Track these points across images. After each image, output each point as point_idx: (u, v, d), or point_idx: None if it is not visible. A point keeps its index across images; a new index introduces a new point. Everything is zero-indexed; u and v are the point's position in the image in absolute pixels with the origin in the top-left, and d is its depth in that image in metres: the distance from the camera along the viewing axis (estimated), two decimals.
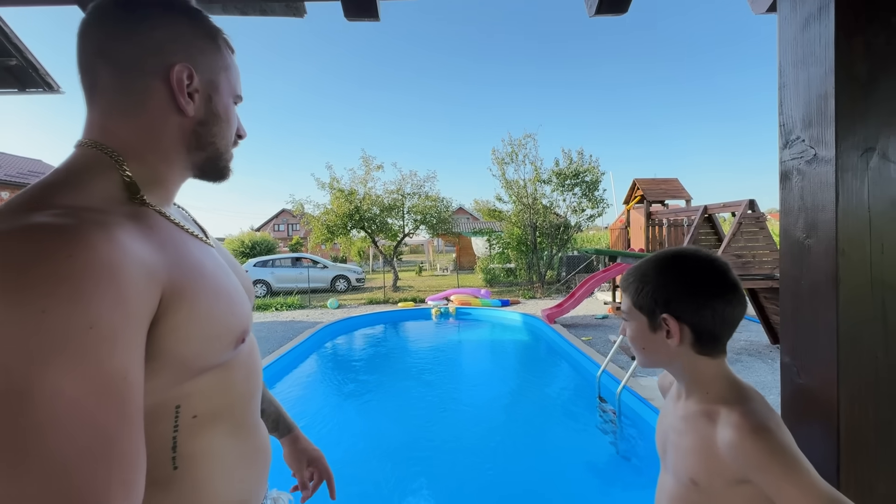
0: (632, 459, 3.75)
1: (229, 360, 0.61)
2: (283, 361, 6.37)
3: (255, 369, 0.70)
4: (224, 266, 0.66)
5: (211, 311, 0.56)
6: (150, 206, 0.58)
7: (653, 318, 0.76)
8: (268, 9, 1.30)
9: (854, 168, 0.73)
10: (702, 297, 0.73)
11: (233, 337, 0.61)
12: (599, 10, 1.23)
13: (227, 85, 0.66)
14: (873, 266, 0.74)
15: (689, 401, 0.78)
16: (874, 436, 0.75)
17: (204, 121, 0.63)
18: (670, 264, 0.77)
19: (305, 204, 14.90)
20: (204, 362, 0.57)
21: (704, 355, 0.75)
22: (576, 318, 9.09)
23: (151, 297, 0.49)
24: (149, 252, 0.50)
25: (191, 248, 0.60)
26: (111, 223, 0.48)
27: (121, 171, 0.57)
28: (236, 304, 0.62)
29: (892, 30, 0.73)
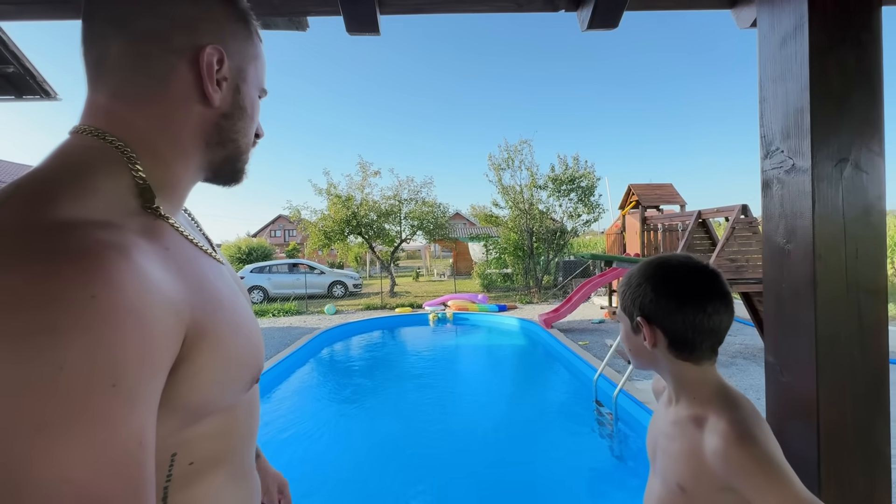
0: (629, 462, 3.77)
1: (235, 402, 0.53)
2: (280, 368, 6.36)
3: (257, 406, 0.63)
4: (236, 290, 0.58)
5: (230, 350, 0.49)
6: (164, 219, 0.49)
7: (632, 320, 0.79)
8: (271, 23, 1.34)
9: (829, 177, 0.78)
10: (674, 302, 0.73)
11: (250, 377, 0.54)
12: (591, 25, 1.28)
13: (255, 77, 0.58)
14: (848, 270, 0.78)
15: (678, 406, 0.78)
16: (852, 433, 0.79)
17: (229, 113, 0.55)
18: (651, 269, 0.78)
19: (302, 210, 14.95)
20: (214, 407, 0.49)
21: (684, 360, 0.75)
22: (572, 323, 9.13)
23: (175, 342, 0.41)
24: (171, 283, 0.42)
25: (207, 272, 0.51)
26: (129, 246, 0.39)
27: (133, 170, 0.47)
28: (254, 337, 0.55)
29: (863, 48, 0.78)
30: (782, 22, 0.83)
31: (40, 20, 1.36)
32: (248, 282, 14.01)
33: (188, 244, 0.51)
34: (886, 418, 0.82)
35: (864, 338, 0.78)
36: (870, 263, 0.78)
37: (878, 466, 0.81)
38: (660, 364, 0.79)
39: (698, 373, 0.76)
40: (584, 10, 1.26)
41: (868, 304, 0.78)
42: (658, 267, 0.78)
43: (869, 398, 0.79)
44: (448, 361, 7.37)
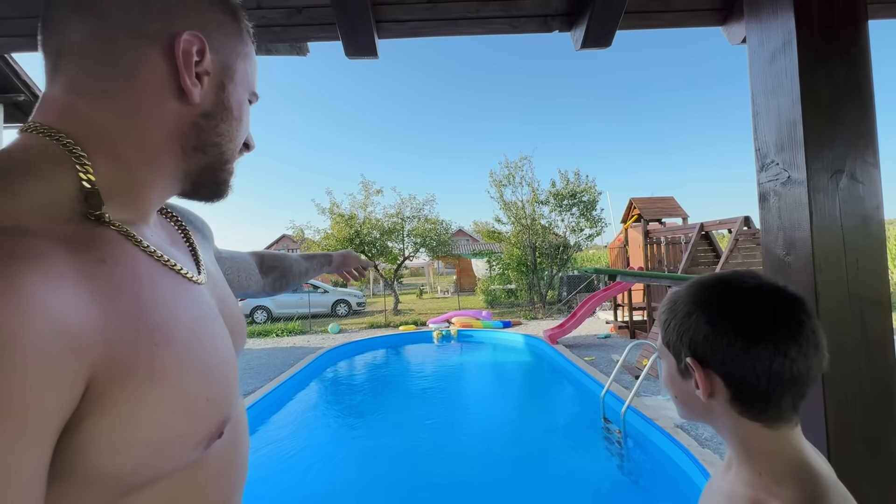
0: (639, 481, 3.69)
1: (196, 461, 0.42)
2: (283, 388, 6.30)
3: (235, 460, 0.50)
4: (210, 315, 0.48)
5: (172, 400, 0.38)
6: (111, 226, 0.40)
7: (679, 360, 0.59)
8: (273, 49, 1.38)
9: (825, 189, 0.78)
10: (740, 341, 0.53)
11: (204, 435, 0.41)
12: (585, 45, 1.31)
13: (245, 77, 0.51)
14: (850, 281, 0.77)
15: (736, 476, 0.58)
16: (862, 445, 0.77)
17: (211, 113, 0.47)
18: (706, 293, 0.58)
19: (306, 229, 15.03)
20: (151, 475, 0.38)
21: (752, 420, 0.55)
22: (578, 339, 9.05)
23: (68, 389, 0.31)
24: (79, 306, 0.33)
25: (162, 294, 0.42)
26: (21, 256, 0.31)
27: (82, 170, 0.40)
28: (217, 382, 0.43)
29: (852, 61, 0.79)
30: (771, 38, 0.85)
31: None
32: (252, 302, 14.00)
33: (143, 258, 0.42)
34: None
35: (869, 349, 0.77)
36: (871, 274, 0.78)
37: (890, 481, 0.79)
38: (716, 419, 0.59)
39: (771, 439, 0.55)
40: (577, 31, 1.29)
41: (872, 315, 0.78)
42: (716, 290, 0.58)
43: (878, 410, 0.78)
44: (453, 379, 7.29)
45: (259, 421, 5.19)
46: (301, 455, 4.33)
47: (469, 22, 1.29)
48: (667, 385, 0.64)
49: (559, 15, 1.29)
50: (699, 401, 0.57)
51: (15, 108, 6.12)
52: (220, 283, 0.58)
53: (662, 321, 0.62)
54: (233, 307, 0.58)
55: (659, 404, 4.67)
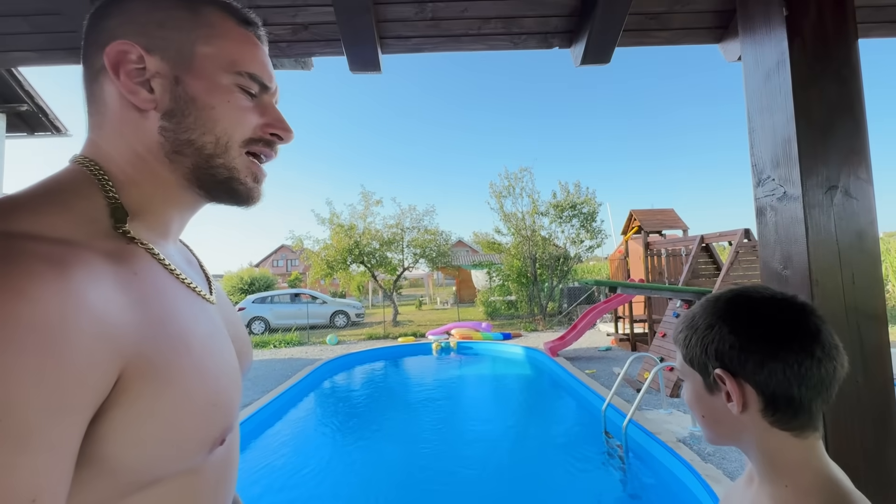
0: (641, 496, 3.64)
1: (196, 467, 0.45)
2: (281, 400, 6.26)
3: (228, 474, 0.52)
4: (220, 332, 0.51)
5: (188, 399, 0.41)
6: (138, 243, 0.45)
7: (706, 375, 0.58)
8: (277, 63, 1.41)
9: (820, 204, 0.80)
10: (768, 346, 0.54)
11: (210, 439, 0.44)
12: (585, 61, 1.34)
13: (213, 59, 0.48)
14: (846, 294, 0.79)
15: (761, 490, 0.58)
16: (862, 458, 0.78)
17: (171, 111, 0.47)
18: (724, 305, 0.59)
19: (305, 239, 15.05)
20: (160, 472, 0.41)
21: (784, 430, 0.55)
22: (578, 351, 9.00)
23: (104, 376, 0.35)
24: (119, 309, 0.37)
25: (181, 307, 0.46)
26: (71, 262, 0.36)
27: (104, 190, 0.45)
28: (224, 391, 0.46)
29: (843, 80, 0.82)
30: (765, 57, 0.88)
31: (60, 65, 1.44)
32: (250, 312, 13.96)
33: (166, 275, 0.47)
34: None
35: (866, 363, 0.78)
36: (867, 288, 0.79)
37: (890, 492, 0.80)
38: (744, 434, 0.58)
39: (799, 450, 0.55)
40: (577, 47, 1.32)
41: (868, 329, 0.78)
42: (735, 301, 0.58)
43: (876, 423, 0.79)
44: (452, 392, 7.24)
45: (257, 433, 5.14)
46: (298, 467, 4.28)
47: (471, 38, 1.32)
48: (692, 406, 0.61)
49: (559, 32, 1.33)
50: (729, 417, 0.57)
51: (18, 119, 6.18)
52: (228, 307, 0.61)
53: (682, 339, 0.61)
54: (240, 331, 0.61)
55: (661, 418, 4.63)
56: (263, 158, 0.54)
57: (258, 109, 0.52)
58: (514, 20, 1.29)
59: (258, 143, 0.52)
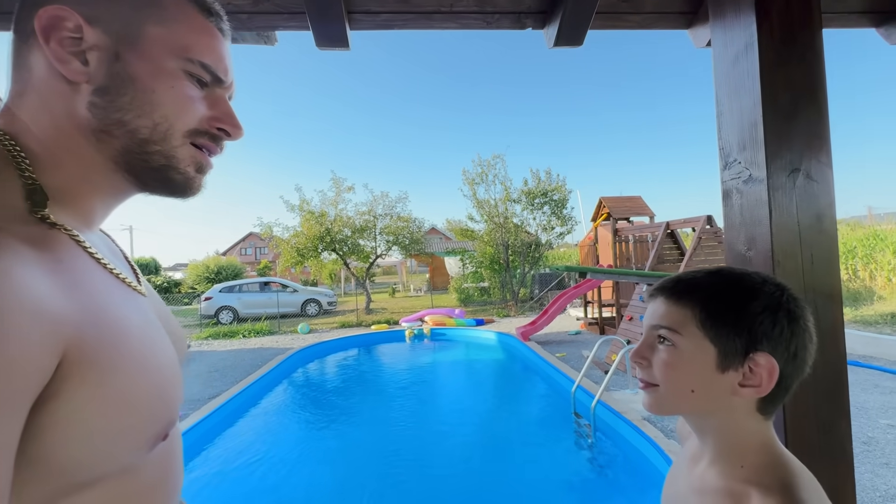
0: (608, 473, 3.79)
1: (136, 465, 0.42)
2: (251, 391, 6.13)
3: (170, 474, 0.48)
4: (155, 324, 0.48)
5: (129, 391, 0.39)
6: (60, 228, 0.41)
7: (731, 352, 0.53)
8: (239, 38, 1.32)
9: (783, 187, 0.82)
10: (804, 335, 0.54)
11: (152, 433, 0.42)
12: (558, 43, 1.32)
13: (162, 41, 0.45)
14: (805, 274, 0.81)
15: (710, 469, 0.57)
16: (816, 430, 0.82)
17: (104, 87, 0.43)
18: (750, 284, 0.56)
19: (274, 227, 14.65)
20: (100, 470, 0.38)
21: (763, 414, 0.56)
22: (550, 335, 9.21)
23: (44, 363, 0.33)
24: (52, 294, 0.35)
25: (114, 296, 0.43)
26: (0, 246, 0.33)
27: (18, 169, 0.40)
28: (167, 384, 0.44)
29: (808, 65, 0.83)
30: (734, 41, 0.88)
31: None
32: (217, 302, 13.55)
33: (93, 264, 0.44)
34: (847, 416, 0.85)
35: (822, 340, 0.80)
36: (824, 268, 0.82)
37: (842, 464, 0.84)
38: (719, 415, 0.56)
39: (763, 432, 0.55)
40: (550, 29, 1.30)
41: (825, 308, 0.82)
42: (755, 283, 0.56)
43: (830, 398, 0.82)
44: (426, 378, 7.28)
45: (225, 425, 5.02)
46: (270, 459, 4.22)
47: (443, 16, 1.28)
48: (679, 376, 0.55)
49: (532, 13, 1.30)
50: (722, 396, 0.54)
51: None
52: (158, 301, 0.57)
53: (707, 303, 0.55)
54: (174, 325, 0.57)
55: (627, 398, 4.81)
56: (206, 152, 0.50)
57: (207, 101, 0.49)
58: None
59: (203, 135, 0.49)
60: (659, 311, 0.58)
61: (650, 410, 0.58)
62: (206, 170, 0.50)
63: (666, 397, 0.57)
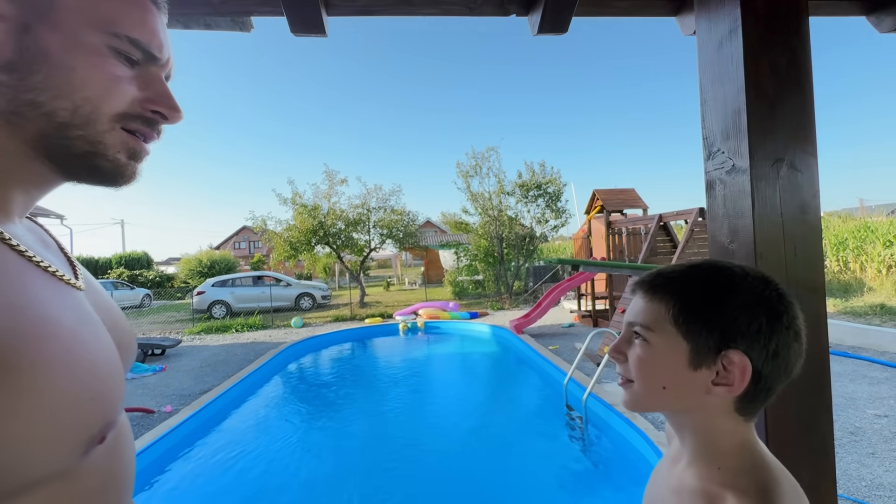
0: (599, 466, 3.81)
1: (72, 469, 0.39)
2: (243, 385, 6.10)
3: (114, 479, 0.45)
4: (91, 320, 0.45)
5: (55, 395, 0.36)
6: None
7: (703, 349, 0.51)
8: (212, 23, 1.28)
9: (767, 177, 0.80)
10: (788, 334, 0.51)
11: (86, 436, 0.39)
12: (542, 30, 1.29)
13: (79, 12, 0.41)
14: (788, 268, 0.80)
15: (688, 470, 0.55)
16: (797, 425, 0.80)
17: (12, 63, 0.39)
18: (731, 277, 0.53)
19: (267, 220, 14.54)
20: (24, 478, 0.35)
21: (742, 415, 0.53)
22: (543, 328, 9.23)
23: None
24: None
25: (39, 293, 0.40)
26: None
27: None
28: (102, 382, 0.41)
29: (793, 52, 0.81)
30: (718, 26, 0.86)
31: None
32: (210, 296, 13.46)
33: (14, 258, 0.40)
34: (829, 410, 0.84)
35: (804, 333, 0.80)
36: (807, 261, 0.80)
37: (823, 457, 0.83)
38: (695, 415, 0.55)
39: (742, 433, 0.54)
40: (534, 15, 1.27)
41: (807, 301, 0.80)
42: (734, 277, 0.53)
43: (812, 391, 0.81)
44: (420, 371, 7.29)
45: (218, 419, 5.00)
46: (263, 453, 4.20)
47: (424, 1, 1.24)
48: (651, 372, 0.54)
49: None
50: (695, 394, 0.52)
51: None
52: (102, 295, 0.53)
53: (677, 298, 0.53)
54: (119, 319, 0.53)
55: (618, 390, 4.82)
56: (141, 138, 0.46)
57: (139, 81, 0.44)
58: None
59: (136, 119, 0.44)
60: (636, 306, 0.57)
61: (627, 406, 0.57)
62: (140, 157, 0.46)
63: (639, 394, 0.56)
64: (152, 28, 0.45)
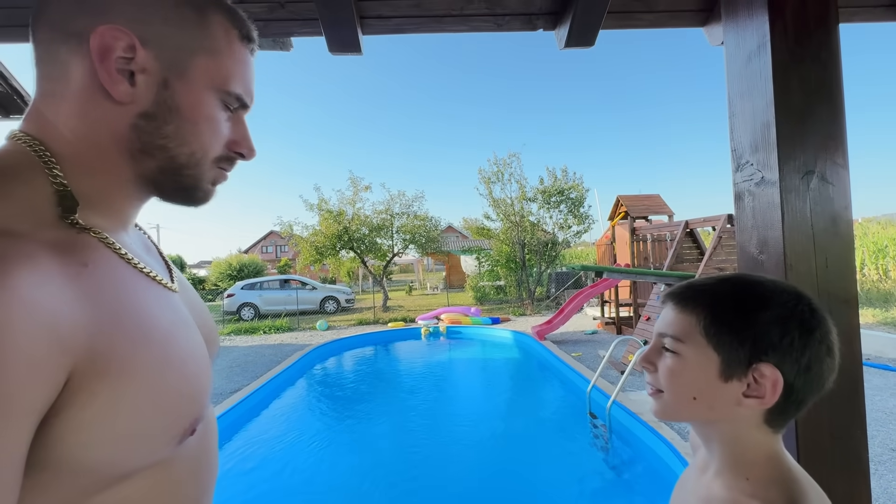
0: (624, 475, 3.74)
1: (168, 458, 0.43)
2: (270, 386, 6.26)
3: (202, 466, 0.50)
4: (186, 322, 0.49)
5: (151, 392, 0.40)
6: (91, 233, 0.42)
7: (734, 362, 0.52)
8: None
9: (797, 189, 0.80)
10: (817, 350, 0.51)
11: (179, 430, 0.43)
12: (569, 44, 1.32)
13: (207, 74, 0.46)
14: (819, 279, 0.80)
15: (716, 480, 0.55)
16: (830, 439, 0.80)
17: (151, 113, 0.44)
18: (762, 291, 0.54)
19: (294, 225, 14.89)
20: (125, 468, 0.39)
21: (771, 427, 0.54)
22: (565, 335, 9.13)
23: (51, 378, 0.33)
24: (65, 305, 0.35)
25: (140, 297, 0.44)
26: (12, 256, 0.33)
27: (50, 175, 0.41)
28: (192, 379, 0.45)
29: (823, 65, 0.81)
30: (746, 40, 0.87)
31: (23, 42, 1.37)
32: (239, 298, 13.86)
33: (121, 265, 0.44)
34: (863, 423, 0.83)
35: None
36: (839, 273, 0.80)
37: (857, 471, 0.82)
38: (723, 426, 0.55)
39: (771, 444, 0.54)
40: (561, 29, 1.30)
41: (839, 313, 0.80)
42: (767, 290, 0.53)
43: (844, 405, 0.81)
44: (441, 376, 7.31)
45: (246, 419, 5.15)
46: (289, 453, 4.31)
47: (454, 19, 1.29)
48: (681, 382, 0.55)
49: (543, 14, 1.30)
50: (726, 406, 0.53)
51: None
52: (193, 295, 0.59)
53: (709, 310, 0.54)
54: (206, 318, 0.59)
55: (643, 399, 4.74)
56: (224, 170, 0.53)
57: (230, 124, 0.50)
58: (498, 1, 1.25)
59: (225, 159, 0.51)
60: (666, 318, 0.58)
61: (656, 416, 0.59)
62: (220, 183, 0.53)
63: (669, 404, 0.57)
64: (248, 79, 0.51)
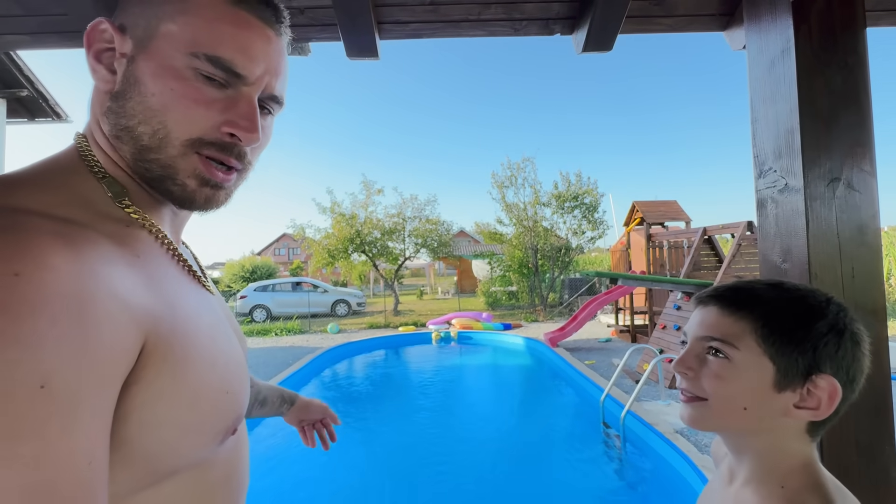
0: (637, 487, 3.67)
1: (208, 459, 0.44)
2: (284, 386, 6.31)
3: (239, 467, 0.50)
4: (224, 324, 0.49)
5: (201, 384, 0.40)
6: (141, 223, 0.43)
7: (791, 372, 0.50)
8: None
9: (822, 197, 0.78)
10: (862, 363, 0.52)
11: (223, 426, 0.43)
12: (587, 48, 1.31)
13: (171, 38, 0.41)
14: (845, 289, 0.77)
15: (745, 489, 0.54)
16: (856, 453, 0.77)
17: (119, 93, 0.42)
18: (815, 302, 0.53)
19: (306, 228, 15.06)
20: (176, 461, 0.39)
21: (811, 435, 0.54)
22: (579, 342, 9.03)
23: (131, 348, 0.34)
24: (131, 285, 0.36)
25: (186, 293, 0.44)
26: (77, 238, 0.34)
27: (88, 166, 0.42)
28: (234, 379, 0.45)
29: (849, 70, 0.79)
30: (770, 45, 0.85)
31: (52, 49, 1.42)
32: (252, 300, 14.03)
33: (168, 261, 0.45)
34: (891, 438, 0.80)
35: None
36: (866, 283, 0.78)
37: (885, 488, 0.79)
38: (764, 436, 0.54)
39: (807, 453, 0.53)
40: (579, 34, 1.29)
41: (867, 324, 0.76)
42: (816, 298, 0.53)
43: (872, 418, 0.78)
44: (452, 381, 7.29)
45: (257, 420, 5.18)
46: (295, 457, 4.33)
47: (471, 24, 1.29)
48: (736, 396, 0.52)
49: (560, 18, 1.30)
50: (774, 416, 0.52)
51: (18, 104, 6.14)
52: (224, 302, 0.60)
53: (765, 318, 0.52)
54: (235, 323, 0.59)
55: (659, 409, 4.66)
56: (221, 166, 0.45)
57: (225, 103, 0.42)
58: (515, 5, 1.25)
59: (212, 145, 0.43)
60: (711, 320, 0.55)
61: (692, 425, 0.56)
62: (215, 182, 0.45)
63: (715, 413, 0.54)
64: (242, 43, 0.42)
